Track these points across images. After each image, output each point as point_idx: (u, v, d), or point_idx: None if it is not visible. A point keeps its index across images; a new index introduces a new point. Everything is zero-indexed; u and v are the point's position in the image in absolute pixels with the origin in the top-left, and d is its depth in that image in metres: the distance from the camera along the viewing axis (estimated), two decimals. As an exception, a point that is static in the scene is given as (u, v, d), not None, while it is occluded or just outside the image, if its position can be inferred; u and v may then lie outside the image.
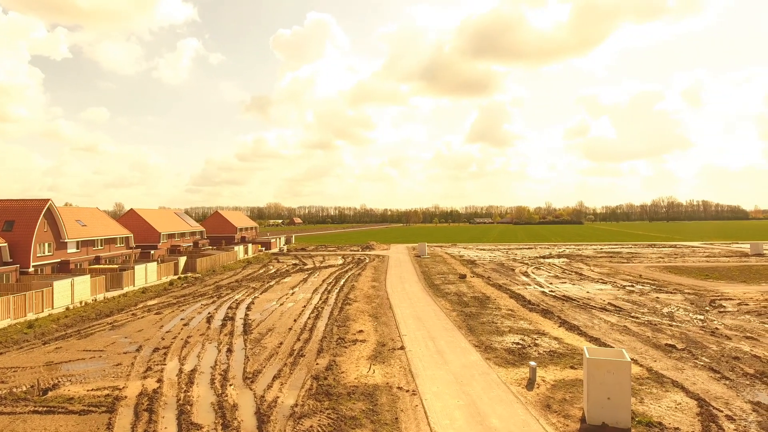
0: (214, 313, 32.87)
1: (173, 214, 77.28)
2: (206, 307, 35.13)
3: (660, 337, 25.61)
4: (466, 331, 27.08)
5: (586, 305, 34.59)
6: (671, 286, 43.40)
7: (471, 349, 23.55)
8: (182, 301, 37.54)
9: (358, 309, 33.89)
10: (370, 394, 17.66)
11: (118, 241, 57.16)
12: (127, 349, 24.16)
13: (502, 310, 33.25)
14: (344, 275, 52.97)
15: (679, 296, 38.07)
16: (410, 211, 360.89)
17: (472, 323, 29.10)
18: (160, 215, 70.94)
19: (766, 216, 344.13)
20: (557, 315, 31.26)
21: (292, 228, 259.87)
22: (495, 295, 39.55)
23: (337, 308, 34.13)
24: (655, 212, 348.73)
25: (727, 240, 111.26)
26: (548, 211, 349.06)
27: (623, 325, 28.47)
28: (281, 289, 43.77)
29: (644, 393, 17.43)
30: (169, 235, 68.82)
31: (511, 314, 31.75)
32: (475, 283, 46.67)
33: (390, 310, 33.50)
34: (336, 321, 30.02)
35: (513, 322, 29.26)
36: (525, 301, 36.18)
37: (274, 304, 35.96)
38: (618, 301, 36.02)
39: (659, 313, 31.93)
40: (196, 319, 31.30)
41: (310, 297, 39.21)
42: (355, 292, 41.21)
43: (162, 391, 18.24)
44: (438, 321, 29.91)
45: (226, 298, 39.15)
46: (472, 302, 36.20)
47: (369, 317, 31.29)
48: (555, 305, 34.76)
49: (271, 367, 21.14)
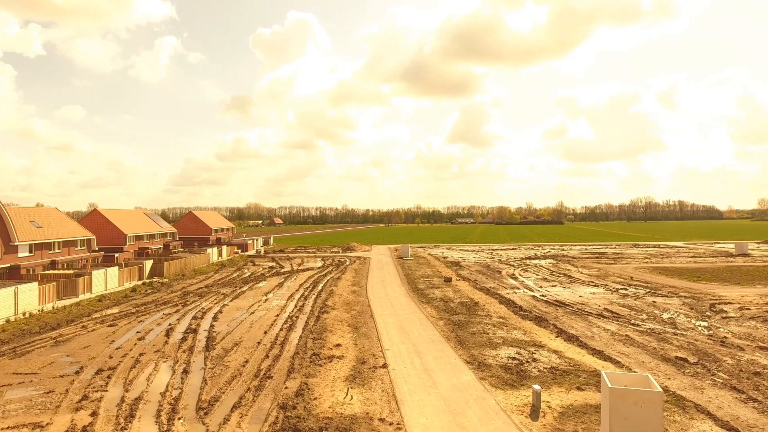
0: (176, 325, 29.51)
1: (142, 214, 72.96)
2: (168, 317, 31.73)
3: (667, 348, 23.34)
4: (456, 344, 24.40)
5: (581, 311, 32.30)
6: (665, 288, 41.55)
7: (462, 366, 20.85)
8: (142, 311, 34.03)
9: (337, 318, 30.93)
10: (347, 429, 14.78)
11: (79, 244, 52.97)
12: (66, 372, 20.76)
13: (492, 317, 30.70)
14: (323, 279, 49.90)
15: (676, 300, 36.14)
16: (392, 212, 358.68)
17: (461, 334, 26.44)
18: (127, 216, 66.65)
19: (740, 216, 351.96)
20: (552, 323, 28.83)
21: (272, 229, 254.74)
22: (484, 300, 37.03)
23: (313, 317, 31.12)
24: (633, 212, 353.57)
25: (707, 240, 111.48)
26: (529, 211, 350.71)
27: (625, 334, 26.17)
28: (254, 295, 40.50)
29: (667, 421, 14.94)
30: (137, 237, 64.64)
31: (503, 322, 29.21)
32: (462, 286, 44.14)
33: (371, 319, 30.64)
34: (311, 333, 27.03)
35: (506, 332, 26.70)
36: (516, 307, 33.73)
37: (244, 313, 32.75)
38: (614, 306, 33.85)
39: (659, 319, 29.80)
40: (154, 331, 27.92)
41: (285, 304, 36.09)
42: (334, 299, 38.23)
43: (94, 429, 15.03)
44: (424, 331, 27.17)
45: (191, 306, 35.75)
46: (460, 309, 33.58)
47: (348, 327, 28.37)
48: (548, 312, 32.38)
49: (232, 392, 18.06)
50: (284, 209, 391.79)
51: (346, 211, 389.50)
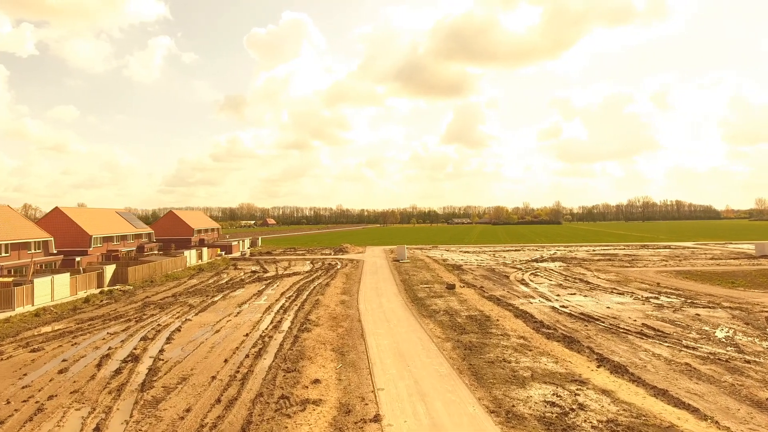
0: (118, 349, 23.63)
1: (114, 214, 66.76)
2: (112, 338, 25.82)
3: (748, 384, 17.73)
4: (471, 379, 18.69)
5: (615, 328, 26.69)
6: (702, 297, 36.07)
7: (485, 418, 15.13)
8: (85, 328, 28.09)
9: (319, 338, 25.13)
10: None
11: (33, 247, 46.87)
12: (-68, 428, 14.87)
13: (510, 337, 25.01)
14: (309, 286, 44.07)
15: (722, 312, 30.63)
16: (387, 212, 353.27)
17: (476, 362, 20.74)
18: (94, 215, 60.43)
19: (737, 215, 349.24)
20: (587, 345, 23.18)
21: (264, 229, 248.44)
22: (496, 312, 31.35)
23: (291, 337, 25.31)
24: (631, 212, 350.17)
25: (717, 240, 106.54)
26: (526, 211, 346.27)
27: (683, 362, 20.54)
28: (226, 306, 34.63)
29: None
30: (106, 239, 58.50)
31: (526, 344, 23.53)
32: (467, 295, 38.46)
33: (361, 340, 24.87)
34: (285, 360, 21.23)
35: (532, 360, 21.03)
36: (536, 323, 28.07)
37: (207, 332, 26.89)
38: (652, 321, 28.27)
39: (715, 339, 24.24)
40: (86, 360, 22.03)
41: (260, 319, 30.26)
42: (319, 311, 32.43)
43: None
44: (428, 359, 21.43)
45: (147, 321, 29.84)
46: (469, 325, 27.89)
47: (332, 353, 22.59)
48: (577, 328, 26.74)
49: (152, 469, 12.27)
50: (278, 209, 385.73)
51: (340, 212, 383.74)
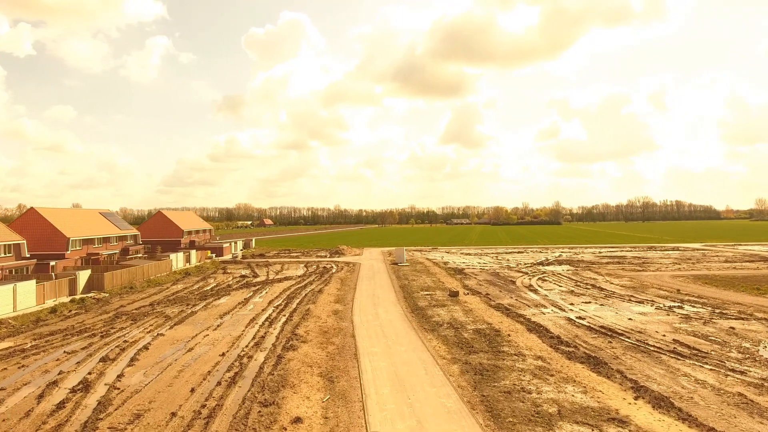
0: (70, 373, 20.28)
1: (97, 214, 63.29)
2: (68, 358, 22.46)
3: (825, 424, 14.50)
4: (486, 417, 15.40)
5: (644, 345, 23.44)
6: (730, 306, 32.88)
7: (508, 478, 11.82)
8: (41, 345, 24.72)
9: (306, 359, 21.82)
10: None
11: (3, 250, 43.46)
12: None
13: (526, 357, 21.73)
14: (300, 293, 40.75)
15: (758, 325, 27.43)
16: (386, 212, 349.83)
17: (489, 392, 17.45)
18: (73, 216, 56.97)
19: (737, 216, 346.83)
20: (616, 369, 19.91)
21: (261, 230, 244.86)
22: (506, 325, 28.06)
23: (273, 357, 21.99)
24: (631, 212, 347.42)
25: (724, 241, 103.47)
26: (526, 211, 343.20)
27: (735, 391, 17.30)
28: (206, 318, 31.29)
29: None
30: (86, 241, 55.06)
31: (545, 367, 20.26)
32: (473, 303, 35.19)
33: (354, 362, 21.57)
34: (263, 390, 17.91)
35: (556, 389, 17.73)
36: (553, 339, 24.80)
37: (178, 350, 23.56)
38: (683, 336, 25.05)
39: (762, 359, 21.02)
40: (28, 388, 18.66)
41: (241, 333, 26.94)
42: (308, 324, 29.11)
43: None
44: (432, 388, 18.11)
45: (114, 336, 26.49)
46: (478, 341, 24.61)
47: (319, 379, 19.28)
48: (600, 346, 23.48)
49: None
50: (275, 209, 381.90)
51: (338, 212, 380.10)
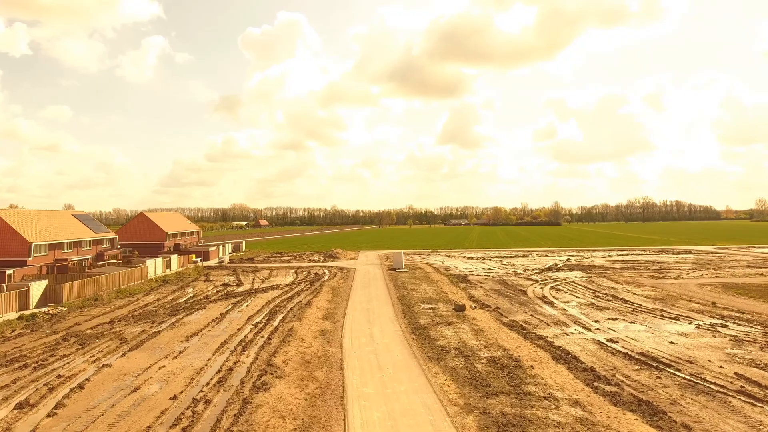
0: (-33, 429, 15.46)
1: (70, 217, 58.30)
2: (-23, 403, 17.62)
3: None
4: None
5: (702, 382, 18.74)
6: (781, 324, 28.27)
7: None
8: (-47, 382, 19.87)
9: (277, 407, 17.01)
10: None
11: (-49, 258, 38.53)
12: None
13: (561, 403, 16.98)
14: (286, 306, 35.97)
15: (828, 351, 22.81)
16: (383, 213, 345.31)
17: (521, 466, 12.71)
18: (41, 219, 52.01)
19: (737, 216, 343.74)
20: (681, 422, 15.17)
21: (256, 231, 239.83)
22: (525, 352, 23.33)
23: (237, 404, 17.20)
24: (630, 213, 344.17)
25: (735, 243, 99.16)
26: (525, 211, 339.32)
27: None
28: (169, 340, 26.46)
29: None
30: (53, 246, 50.13)
31: (587, 420, 15.49)
32: (482, 320, 30.46)
33: (340, 410, 16.77)
34: (213, 459, 13.13)
35: (611, 460, 13.01)
36: (587, 372, 20.09)
37: (120, 391, 18.71)
38: (743, 367, 20.39)
39: None
40: None
41: (205, 364, 22.13)
42: (289, 349, 24.31)
43: None
44: (443, 458, 13.38)
45: (48, 369, 21.64)
46: (495, 377, 19.86)
47: (292, 439, 14.52)
48: (647, 383, 18.76)
49: None
50: (270, 210, 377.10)
51: (335, 212, 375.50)
